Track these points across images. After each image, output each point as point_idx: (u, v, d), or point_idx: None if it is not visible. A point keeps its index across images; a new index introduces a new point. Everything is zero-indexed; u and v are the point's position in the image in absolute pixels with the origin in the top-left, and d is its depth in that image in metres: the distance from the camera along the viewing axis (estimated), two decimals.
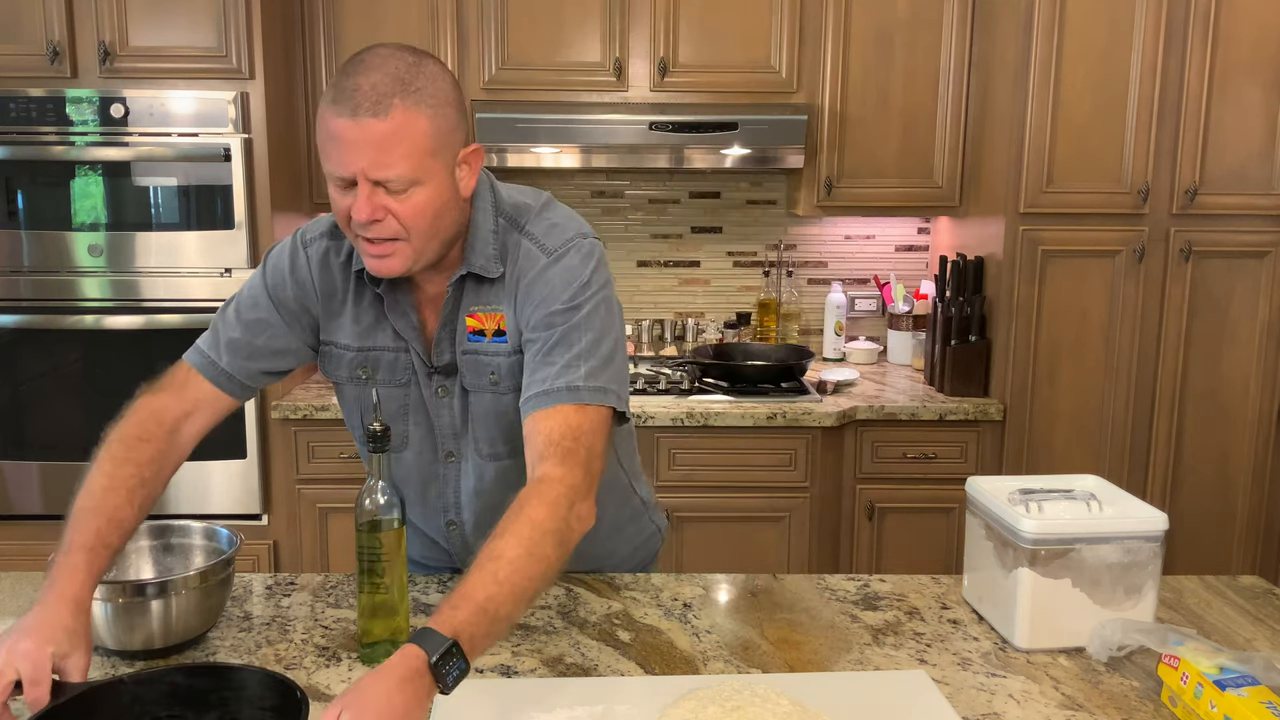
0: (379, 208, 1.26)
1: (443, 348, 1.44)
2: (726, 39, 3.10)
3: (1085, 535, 1.37)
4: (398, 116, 1.23)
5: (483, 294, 1.42)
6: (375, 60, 1.25)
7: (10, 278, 2.82)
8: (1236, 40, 2.84)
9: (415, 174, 1.26)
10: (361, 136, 1.22)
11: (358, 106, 1.22)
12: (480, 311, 1.42)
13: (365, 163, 1.24)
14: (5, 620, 1.46)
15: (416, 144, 1.25)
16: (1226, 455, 3.02)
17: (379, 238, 1.29)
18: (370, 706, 1.02)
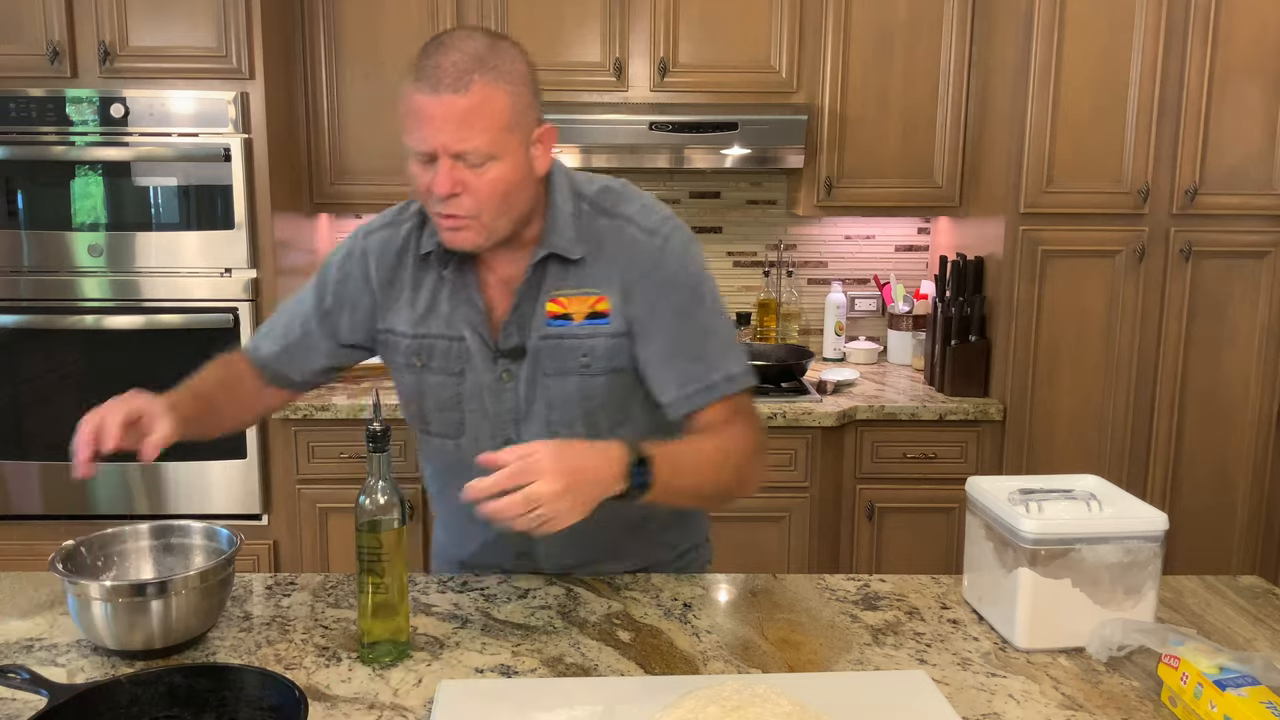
0: (458, 181, 1.32)
1: (511, 331, 1.44)
2: (726, 39, 3.10)
3: (1085, 535, 1.37)
4: (477, 92, 1.29)
5: (568, 277, 1.43)
6: (455, 40, 1.32)
7: (10, 278, 2.82)
8: (1236, 40, 2.84)
9: (493, 148, 1.31)
10: (443, 111, 1.28)
11: (439, 83, 1.28)
12: (565, 295, 1.43)
13: (446, 137, 1.29)
14: (5, 620, 1.47)
15: (495, 119, 1.30)
16: (1226, 455, 3.02)
17: (455, 213, 1.34)
18: (567, 455, 1.22)
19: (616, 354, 1.44)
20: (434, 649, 1.39)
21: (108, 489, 2.90)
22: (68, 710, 1.12)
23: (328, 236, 3.42)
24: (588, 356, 1.44)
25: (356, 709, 1.24)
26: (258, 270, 2.85)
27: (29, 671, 1.18)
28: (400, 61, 3.07)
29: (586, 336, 1.43)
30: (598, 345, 1.44)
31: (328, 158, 3.12)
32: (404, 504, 1.34)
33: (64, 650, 1.38)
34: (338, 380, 3.13)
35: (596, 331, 1.43)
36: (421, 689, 1.29)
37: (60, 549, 1.41)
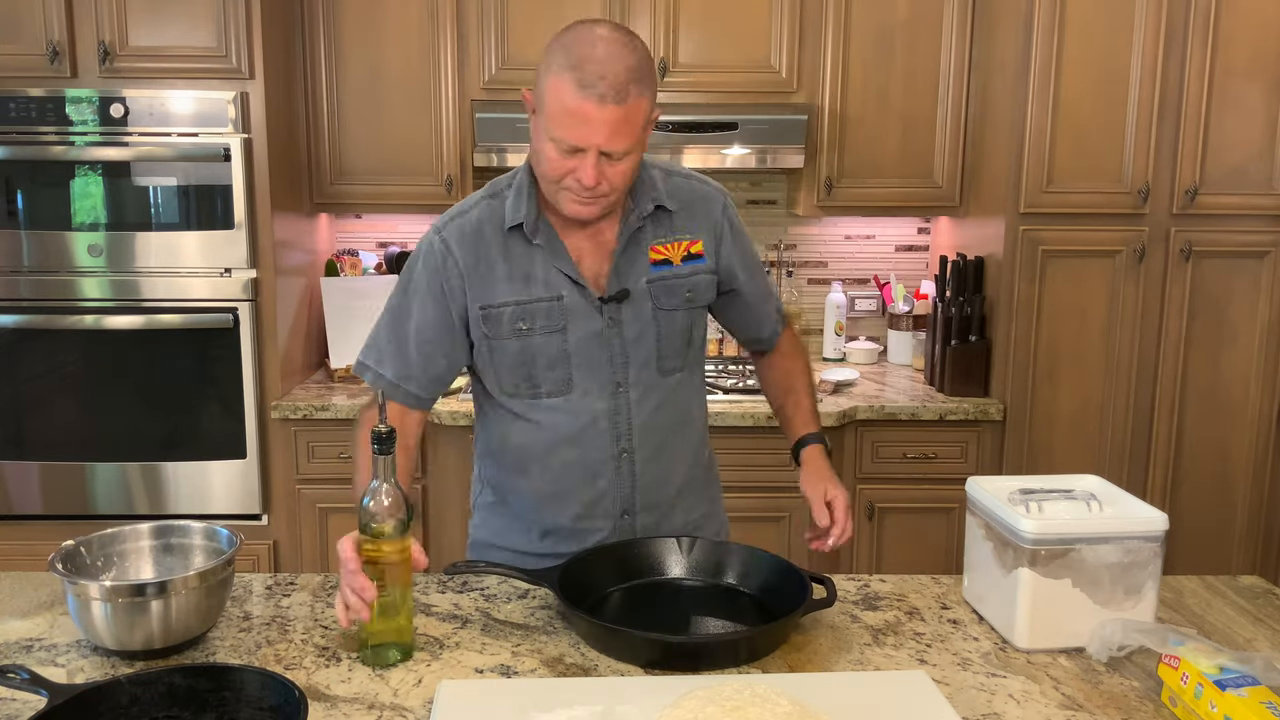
0: (600, 173, 1.47)
1: (614, 280, 1.60)
2: (726, 39, 3.10)
3: (1085, 535, 1.37)
4: (632, 103, 1.44)
5: (661, 229, 1.64)
6: (608, 48, 1.43)
7: (10, 278, 2.82)
8: (1236, 41, 2.84)
9: (633, 145, 1.48)
10: (603, 118, 1.42)
11: (604, 95, 1.41)
12: (663, 243, 1.64)
13: (601, 139, 1.44)
14: (5, 620, 1.47)
15: (640, 123, 1.47)
16: (1226, 455, 3.02)
17: (594, 196, 1.50)
18: (833, 478, 1.67)
19: (710, 288, 1.69)
20: (434, 649, 1.39)
21: (107, 489, 2.90)
22: (68, 710, 1.12)
23: (328, 236, 3.42)
24: (691, 291, 1.66)
25: (356, 709, 1.24)
26: (257, 270, 2.85)
27: (29, 671, 1.18)
28: (400, 61, 3.07)
29: (688, 275, 1.65)
30: (699, 281, 1.67)
31: (328, 158, 3.12)
32: (408, 506, 1.34)
33: (64, 650, 1.38)
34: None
35: (696, 270, 1.66)
36: (421, 689, 1.29)
37: (60, 549, 1.41)
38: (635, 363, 1.63)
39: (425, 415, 1.69)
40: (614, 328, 1.61)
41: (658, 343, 1.64)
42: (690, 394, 1.73)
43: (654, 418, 1.65)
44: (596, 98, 1.41)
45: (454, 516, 2.96)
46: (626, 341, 1.62)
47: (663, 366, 1.65)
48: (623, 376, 1.62)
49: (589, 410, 1.62)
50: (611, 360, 1.62)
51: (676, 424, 1.69)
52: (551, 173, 1.49)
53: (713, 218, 1.68)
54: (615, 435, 1.63)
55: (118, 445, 2.89)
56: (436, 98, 3.09)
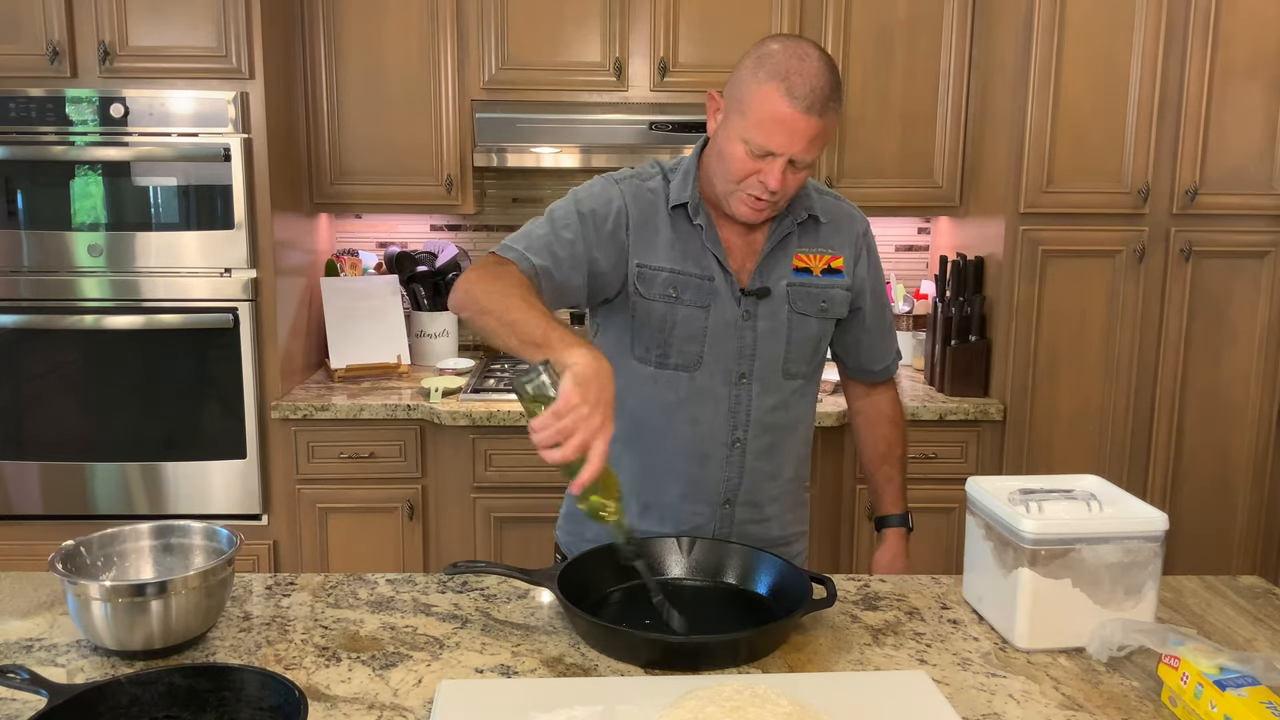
0: (784, 179, 1.55)
1: (758, 277, 1.67)
2: (726, 39, 3.10)
3: (1085, 535, 1.37)
4: (830, 118, 1.53)
5: (806, 239, 1.71)
6: (814, 63, 1.51)
7: (10, 278, 2.82)
8: (1236, 40, 2.84)
9: (817, 158, 1.58)
10: (805, 129, 1.51)
11: (811, 106, 1.49)
12: (806, 252, 1.71)
13: (798, 148, 1.52)
14: (5, 620, 1.47)
15: (829, 137, 1.57)
16: (1226, 455, 3.02)
17: (770, 200, 1.58)
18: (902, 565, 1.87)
19: (844, 304, 1.76)
20: (434, 649, 1.39)
21: (107, 489, 2.90)
22: (68, 710, 1.12)
23: (328, 236, 3.42)
24: (827, 303, 1.73)
25: (356, 709, 1.24)
26: (257, 270, 2.85)
27: (29, 671, 1.18)
28: (400, 61, 3.07)
29: (826, 286, 1.73)
30: (835, 295, 1.74)
31: (328, 158, 3.12)
32: None
33: (64, 650, 1.38)
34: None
35: (834, 284, 1.74)
36: (421, 689, 1.29)
37: (60, 549, 1.41)
38: (762, 358, 1.69)
39: None
40: (749, 320, 1.67)
41: (787, 345, 1.70)
42: (806, 403, 1.79)
43: (771, 416, 1.71)
44: (804, 108, 1.49)
45: (454, 516, 2.96)
46: (759, 336, 1.68)
47: (787, 369, 1.71)
48: (748, 368, 1.69)
49: (712, 392, 1.68)
50: (741, 351, 1.68)
51: (790, 427, 1.76)
52: (736, 173, 1.56)
53: (854, 238, 1.77)
54: (733, 423, 1.70)
55: (118, 445, 2.89)
56: (436, 98, 3.09)
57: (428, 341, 3.35)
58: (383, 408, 2.88)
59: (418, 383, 3.10)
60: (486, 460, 2.91)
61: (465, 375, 3.14)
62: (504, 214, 3.51)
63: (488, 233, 3.51)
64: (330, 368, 3.17)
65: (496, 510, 2.94)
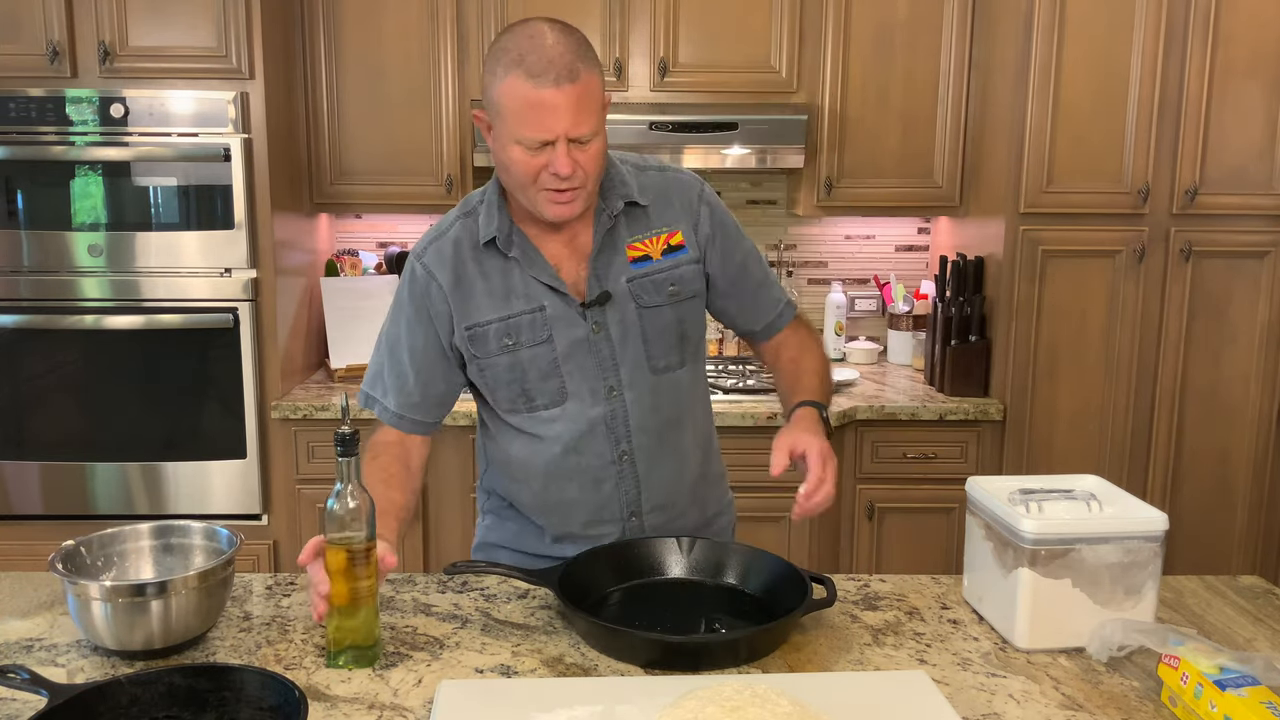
0: (574, 161, 1.45)
1: (594, 283, 1.58)
2: (726, 39, 3.10)
3: (1085, 535, 1.37)
4: (584, 79, 1.44)
5: (635, 225, 1.61)
6: (548, 34, 1.45)
7: (10, 278, 2.82)
8: (1236, 40, 2.84)
9: (597, 125, 1.47)
10: (564, 101, 1.42)
11: (559, 76, 1.41)
12: (641, 239, 1.61)
13: (567, 123, 1.43)
14: (5, 620, 1.47)
15: (596, 99, 1.47)
16: (1226, 455, 3.02)
17: (570, 186, 1.47)
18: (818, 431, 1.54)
19: (696, 279, 1.65)
20: (434, 649, 1.39)
21: (107, 489, 2.90)
22: (68, 710, 1.12)
23: (328, 236, 3.42)
24: (676, 285, 1.62)
25: (356, 709, 1.24)
26: (257, 270, 2.85)
27: (29, 671, 1.18)
28: (400, 61, 3.07)
29: (670, 268, 1.62)
30: (684, 273, 1.63)
31: (328, 158, 3.12)
32: (373, 509, 1.33)
33: (64, 650, 1.38)
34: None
35: (679, 262, 1.63)
36: (421, 689, 1.29)
37: (60, 549, 1.41)
38: (625, 364, 1.60)
39: (429, 440, 1.67)
40: (600, 332, 1.59)
41: (644, 342, 1.61)
42: (689, 390, 1.69)
43: (652, 418, 1.63)
44: (552, 83, 1.41)
45: (454, 516, 2.96)
46: (614, 344, 1.60)
47: (654, 365, 1.63)
48: (615, 380, 1.60)
49: (585, 417, 1.60)
50: (601, 365, 1.60)
51: (676, 421, 1.67)
52: (523, 175, 1.47)
53: (689, 205, 1.64)
54: (614, 439, 1.62)
55: (118, 445, 2.89)
56: (436, 98, 3.09)
57: None
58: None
59: None
60: None
61: None
62: None
63: None
64: (330, 368, 3.17)
65: None
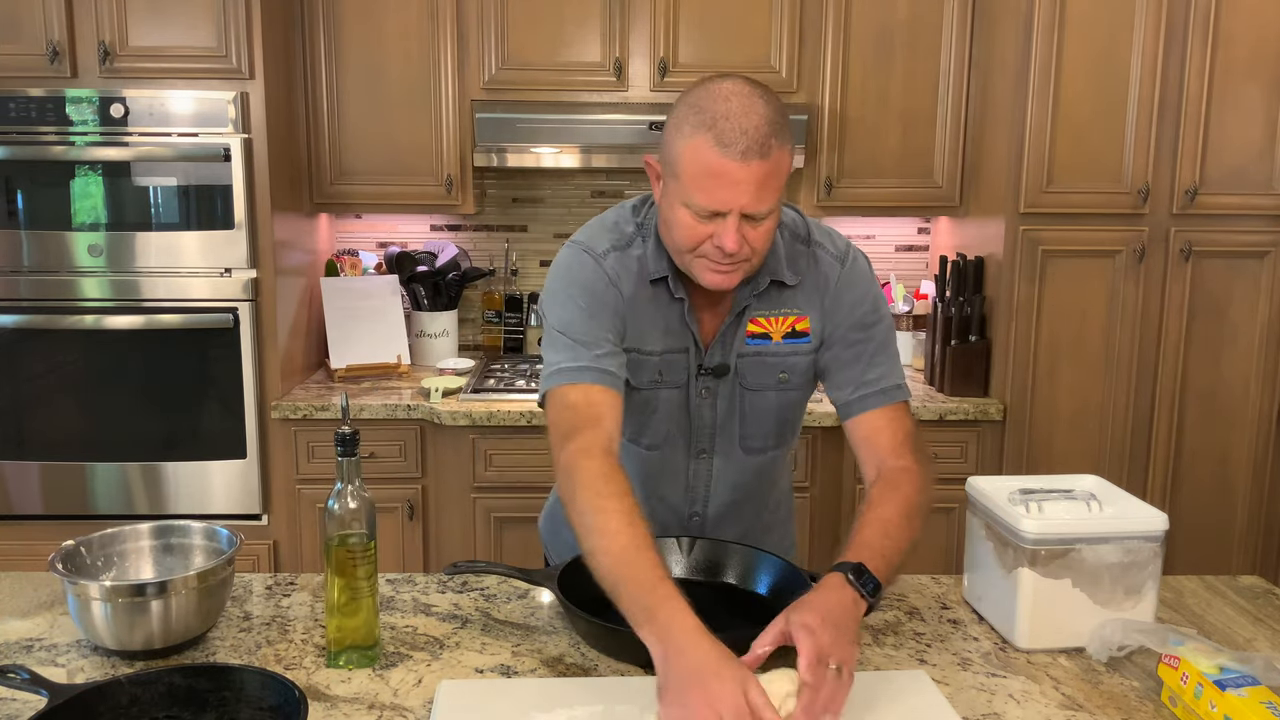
0: (744, 237, 1.37)
1: (715, 351, 1.54)
2: (726, 39, 3.09)
3: (1085, 535, 1.37)
4: (774, 156, 1.34)
5: (767, 300, 1.53)
6: (742, 101, 1.33)
7: (10, 278, 2.82)
8: (1236, 40, 2.84)
9: (776, 203, 1.38)
10: (748, 177, 1.32)
11: (747, 150, 1.31)
12: (765, 316, 1.53)
13: (746, 200, 1.34)
14: (5, 620, 1.47)
15: (782, 178, 1.37)
16: (1226, 455, 3.02)
17: (732, 261, 1.39)
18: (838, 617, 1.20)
19: (809, 370, 1.57)
20: (434, 649, 1.39)
21: (107, 489, 2.90)
22: (68, 710, 1.12)
23: (328, 236, 3.42)
24: (787, 373, 1.56)
25: (356, 709, 1.24)
26: (257, 270, 2.85)
27: (29, 671, 1.18)
28: (400, 61, 3.07)
29: (787, 354, 1.55)
30: (798, 362, 1.56)
31: (328, 158, 3.12)
32: (373, 510, 1.34)
33: (64, 650, 1.38)
34: (339, 381, 3.13)
35: (796, 350, 1.55)
36: (421, 689, 1.29)
37: (60, 549, 1.42)
38: (722, 435, 1.59)
39: None
40: (707, 398, 1.56)
41: (741, 423, 1.58)
42: (778, 467, 1.67)
43: (733, 492, 1.63)
44: (739, 155, 1.31)
45: (454, 516, 2.96)
46: (718, 415, 1.58)
47: (747, 446, 1.60)
48: (708, 445, 1.59)
49: (673, 468, 1.60)
50: (699, 429, 1.58)
51: (756, 493, 1.66)
52: (687, 241, 1.39)
53: (823, 291, 1.55)
54: (690, 499, 1.63)
55: (118, 445, 2.89)
56: (436, 98, 3.09)
57: (428, 341, 3.35)
58: (383, 408, 2.88)
59: (418, 383, 3.10)
60: (487, 460, 2.91)
61: (465, 375, 3.14)
62: (504, 214, 3.51)
63: (488, 233, 3.51)
64: (330, 368, 3.17)
65: (496, 510, 2.94)
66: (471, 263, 3.47)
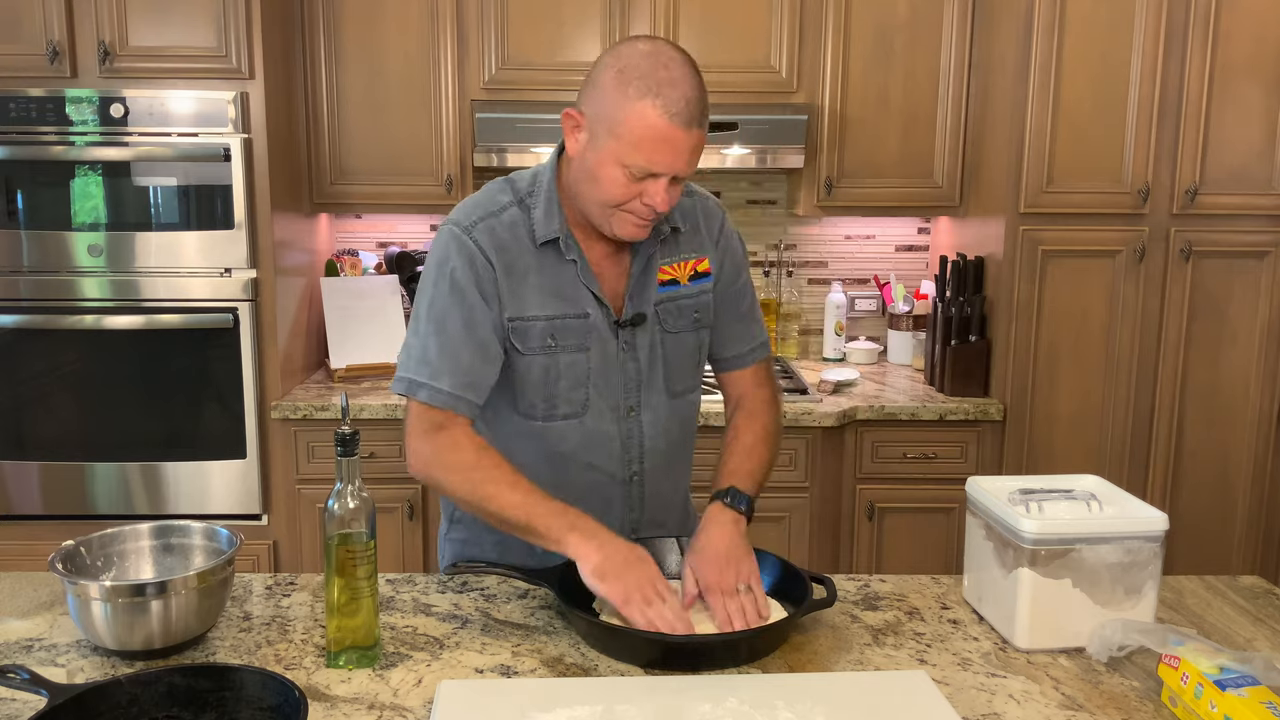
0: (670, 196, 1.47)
1: (633, 302, 1.59)
2: (726, 39, 3.09)
3: (1085, 535, 1.37)
4: (706, 125, 1.45)
5: (668, 247, 1.61)
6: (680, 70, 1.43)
7: (10, 278, 2.82)
8: (1236, 40, 2.84)
9: None
10: (690, 144, 1.43)
11: (691, 118, 1.41)
12: (670, 262, 1.61)
13: (683, 164, 1.44)
14: (5, 620, 1.47)
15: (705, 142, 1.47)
16: (1226, 455, 3.02)
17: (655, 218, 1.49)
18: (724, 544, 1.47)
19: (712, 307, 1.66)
20: (434, 649, 1.39)
21: (107, 489, 2.90)
22: (67, 710, 1.12)
23: (328, 236, 3.42)
24: (699, 312, 1.64)
25: (356, 709, 1.24)
26: (257, 270, 2.85)
27: (29, 671, 1.18)
28: (400, 61, 3.07)
29: (697, 294, 1.63)
30: (706, 300, 1.65)
31: (328, 158, 3.12)
32: (373, 510, 1.34)
33: (64, 650, 1.38)
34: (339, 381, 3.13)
35: (704, 289, 1.64)
36: (421, 689, 1.29)
37: (60, 549, 1.41)
38: (647, 387, 1.61)
39: None
40: (629, 351, 1.59)
41: (665, 366, 1.62)
42: (694, 410, 1.73)
43: (663, 440, 1.65)
44: (685, 123, 1.40)
45: None
46: (641, 366, 1.60)
47: (672, 389, 1.64)
48: (635, 400, 1.61)
49: (602, 434, 1.60)
50: (625, 384, 1.60)
51: (683, 443, 1.70)
52: (616, 197, 1.46)
53: (715, 233, 1.67)
54: (626, 459, 1.63)
55: (118, 445, 2.89)
56: (436, 98, 3.09)
57: None
58: (383, 408, 2.88)
59: None
60: None
61: None
62: None
63: None
64: (330, 368, 3.17)
65: None
66: None
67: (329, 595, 1.32)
